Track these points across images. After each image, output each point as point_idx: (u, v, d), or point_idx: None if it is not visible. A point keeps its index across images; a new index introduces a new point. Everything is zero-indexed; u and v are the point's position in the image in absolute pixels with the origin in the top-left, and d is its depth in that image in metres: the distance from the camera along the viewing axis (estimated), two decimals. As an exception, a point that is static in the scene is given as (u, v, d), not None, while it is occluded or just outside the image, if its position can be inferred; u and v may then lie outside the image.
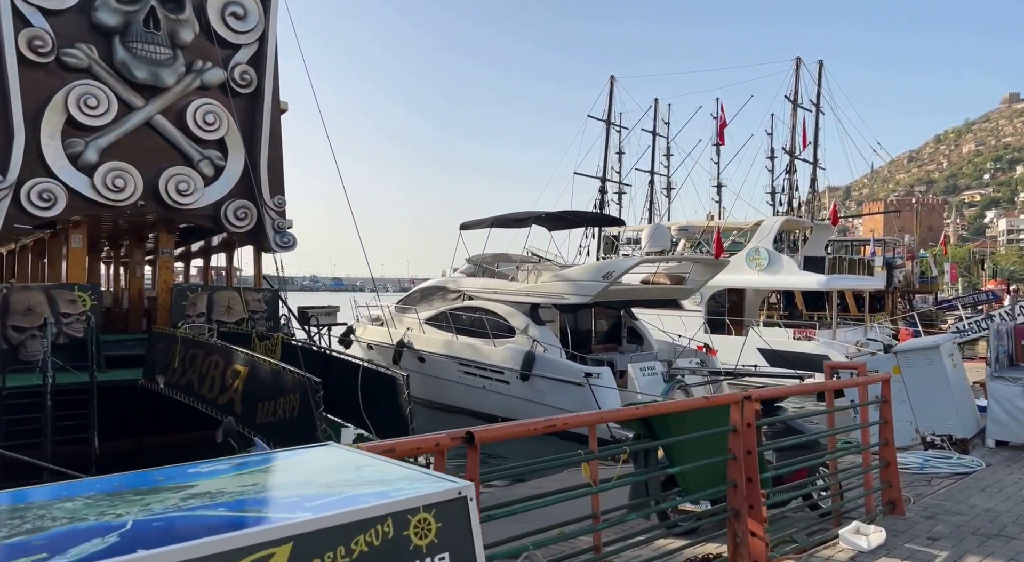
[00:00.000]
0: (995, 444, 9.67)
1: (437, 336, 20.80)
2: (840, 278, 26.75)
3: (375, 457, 2.51)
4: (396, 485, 2.14)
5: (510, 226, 20.41)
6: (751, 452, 5.20)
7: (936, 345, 9.66)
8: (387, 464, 2.40)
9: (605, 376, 16.91)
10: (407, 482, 2.19)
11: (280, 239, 15.30)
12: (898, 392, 9.86)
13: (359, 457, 2.48)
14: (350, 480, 2.17)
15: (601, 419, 4.12)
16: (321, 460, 2.44)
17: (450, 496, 2.10)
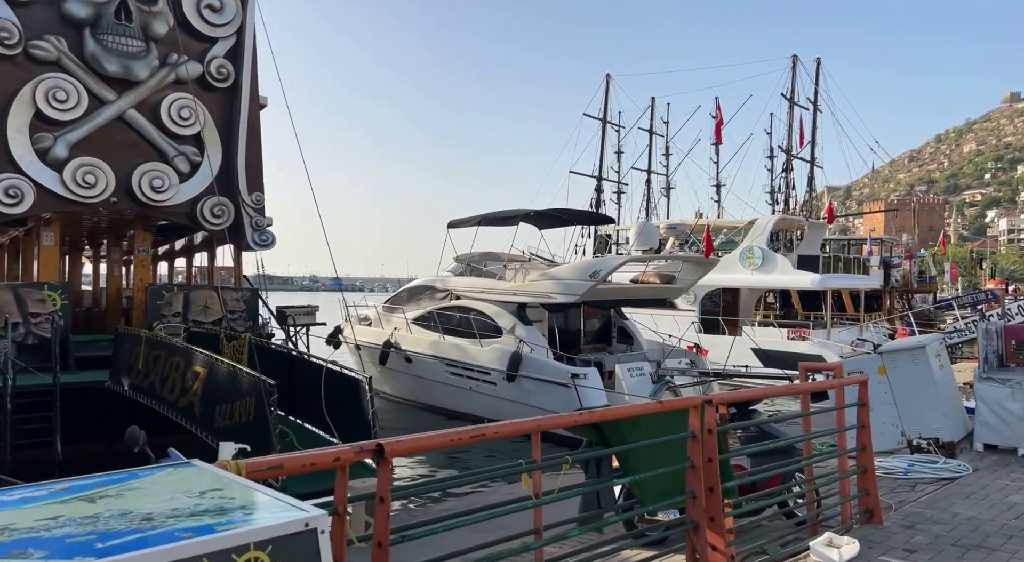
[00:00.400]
0: (983, 448, 9.36)
1: (424, 336, 20.50)
2: (834, 277, 26.43)
3: (237, 479, 2.20)
4: (233, 515, 1.83)
5: (497, 224, 20.10)
6: (712, 460, 4.89)
7: (922, 345, 9.35)
8: (245, 487, 2.09)
9: (592, 377, 16.61)
10: (249, 511, 1.88)
11: (259, 237, 14.98)
12: (884, 394, 9.57)
13: (217, 479, 2.17)
14: (182, 510, 1.86)
15: (539, 427, 3.80)
16: (170, 483, 2.13)
17: (293, 530, 1.79)
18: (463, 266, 21.13)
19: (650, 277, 19.67)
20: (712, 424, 4.90)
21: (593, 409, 4.24)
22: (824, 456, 6.58)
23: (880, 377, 9.59)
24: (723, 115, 46.59)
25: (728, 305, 30.22)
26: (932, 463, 8.70)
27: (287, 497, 1.99)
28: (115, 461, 9.06)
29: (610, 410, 4.28)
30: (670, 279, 19.41)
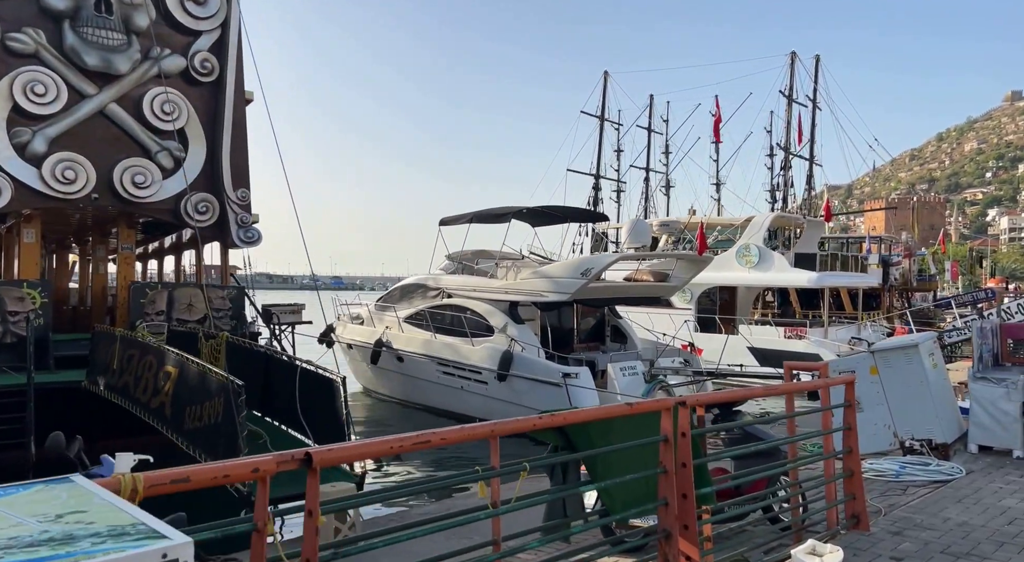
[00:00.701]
0: (978, 449, 9.11)
1: (416, 335, 20.28)
2: (832, 275, 26.18)
3: (110, 499, 1.95)
4: (78, 546, 1.59)
5: (489, 222, 19.86)
6: (686, 465, 4.64)
7: (915, 344, 9.10)
8: (112, 509, 1.85)
9: (583, 376, 16.38)
10: (100, 541, 1.63)
11: (244, 234, 14.74)
12: (876, 394, 9.33)
13: (85, 498, 1.92)
14: (21, 538, 1.61)
15: (493, 432, 3.56)
16: (30, 503, 1.88)
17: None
18: (455, 264, 20.89)
19: (643, 275, 19.41)
20: (686, 427, 4.65)
21: (555, 412, 3.99)
22: (809, 459, 6.32)
23: (872, 377, 9.36)
24: (723, 113, 46.32)
25: (725, 303, 29.98)
26: (924, 465, 8.46)
27: (157, 522, 1.75)
28: (94, 461, 8.70)
29: (573, 413, 4.03)
30: (664, 277, 19.15)
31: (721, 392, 5.53)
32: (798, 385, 6.29)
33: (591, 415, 4.08)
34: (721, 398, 5.73)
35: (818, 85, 46.81)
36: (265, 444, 7.78)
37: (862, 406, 9.42)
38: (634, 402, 4.25)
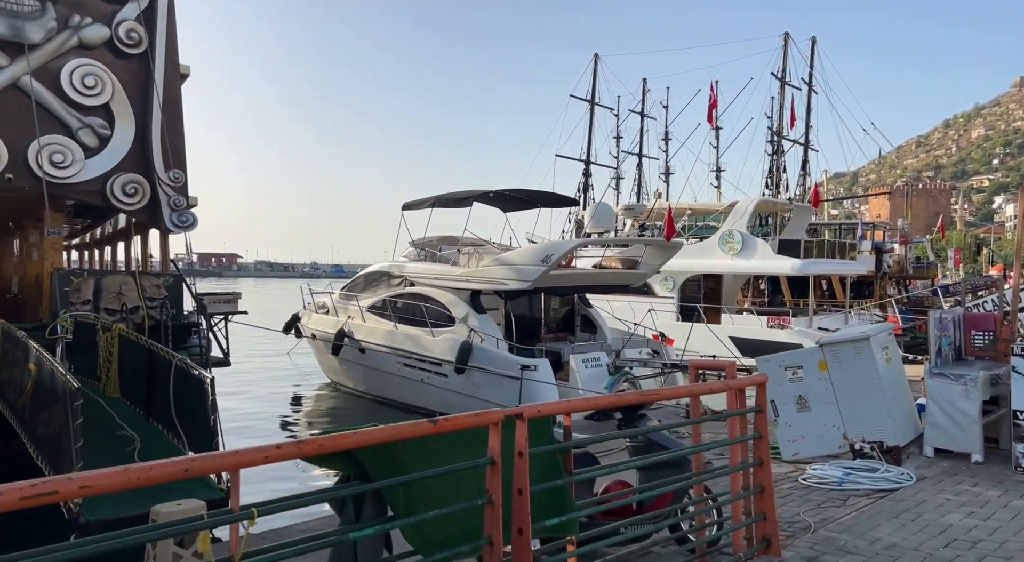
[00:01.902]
0: (934, 452, 8.28)
1: (378, 325, 19.47)
2: (816, 263, 25.24)
3: None
4: None
5: (451, 206, 19.00)
6: (523, 492, 3.81)
7: (866, 337, 8.23)
8: None
9: (543, 369, 15.54)
10: None
11: (178, 218, 13.90)
12: (824, 391, 8.50)
13: None
14: None
15: (238, 463, 2.73)
16: None
17: None
18: (420, 251, 20.04)
19: (613, 262, 18.55)
20: (523, 445, 3.82)
21: (336, 433, 3.15)
22: (712, 474, 5.49)
23: (821, 373, 8.52)
24: (723, 98, 45.38)
25: (711, 292, 29.10)
26: (871, 471, 7.64)
27: None
28: (14, 462, 7.81)
29: (357, 435, 3.18)
30: (633, 264, 18.29)
31: (602, 397, 4.68)
32: (702, 386, 5.44)
33: (374, 437, 3.23)
34: (595, 405, 4.85)
35: (814, 68, 45.82)
36: (133, 453, 6.98)
37: (810, 405, 8.61)
38: (438, 419, 3.39)
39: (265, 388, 21.72)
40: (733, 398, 5.35)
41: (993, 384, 8.04)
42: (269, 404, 19.32)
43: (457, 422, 3.57)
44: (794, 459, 8.66)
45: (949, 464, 7.97)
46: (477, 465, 3.63)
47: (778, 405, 8.72)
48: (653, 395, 5.93)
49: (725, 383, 5.36)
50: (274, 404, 19.46)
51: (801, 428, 8.62)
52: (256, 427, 16.03)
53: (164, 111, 13.77)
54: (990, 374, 8.04)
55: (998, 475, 7.47)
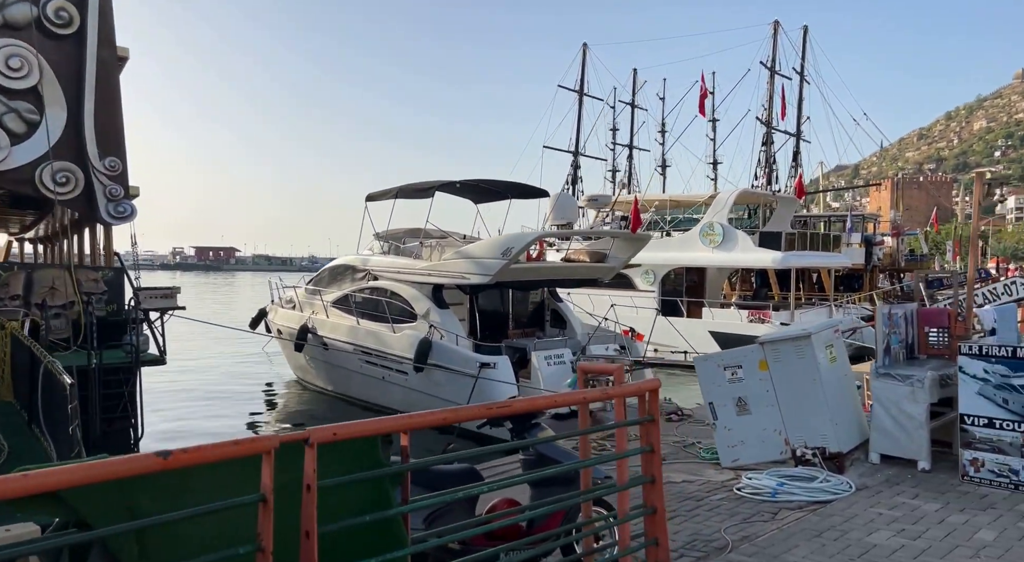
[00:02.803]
0: (880, 459, 7.67)
1: (342, 321, 18.90)
2: (798, 255, 24.62)
3: None
4: None
5: (414, 196, 18.37)
6: (310, 535, 3.19)
7: (807, 334, 7.62)
8: None
9: (502, 366, 14.94)
10: None
11: (114, 209, 13.30)
12: (766, 393, 7.90)
13: None
14: None
15: None
16: None
17: None
18: (385, 243, 19.43)
19: (581, 255, 17.93)
20: (312, 477, 3.20)
21: (29, 471, 2.51)
22: (597, 492, 4.88)
23: (762, 373, 7.93)
24: (720, 90, 44.76)
25: (695, 285, 28.53)
26: (808, 481, 7.04)
27: None
28: None
29: (46, 475, 2.54)
30: (602, 257, 17.67)
31: (464, 408, 4.07)
32: (589, 393, 4.83)
33: (81, 476, 2.57)
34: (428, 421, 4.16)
35: (806, 58, 45.10)
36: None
37: (750, 408, 8.01)
38: (169, 452, 2.71)
39: (227, 386, 21.17)
40: (621, 407, 4.75)
41: (943, 385, 7.44)
42: (224, 405, 18.71)
43: (200, 455, 2.88)
44: (733, 466, 8.08)
45: (894, 472, 7.37)
46: (239, 503, 3.00)
47: (716, 408, 8.14)
48: (535, 403, 5.31)
49: (603, 391, 4.76)
50: (231, 404, 18.88)
51: (741, 432, 8.03)
52: (188, 430, 15.26)
53: (100, 95, 13.14)
54: (939, 374, 7.43)
55: (943, 485, 6.87)
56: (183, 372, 22.26)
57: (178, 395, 18.93)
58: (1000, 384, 6.60)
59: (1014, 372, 6.50)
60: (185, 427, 15.33)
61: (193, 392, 19.44)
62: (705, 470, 8.37)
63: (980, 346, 6.75)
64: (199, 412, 17.15)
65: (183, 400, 18.41)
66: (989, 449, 6.70)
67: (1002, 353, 6.59)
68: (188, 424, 15.67)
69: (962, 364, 6.87)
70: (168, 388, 19.31)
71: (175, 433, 14.31)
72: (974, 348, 6.78)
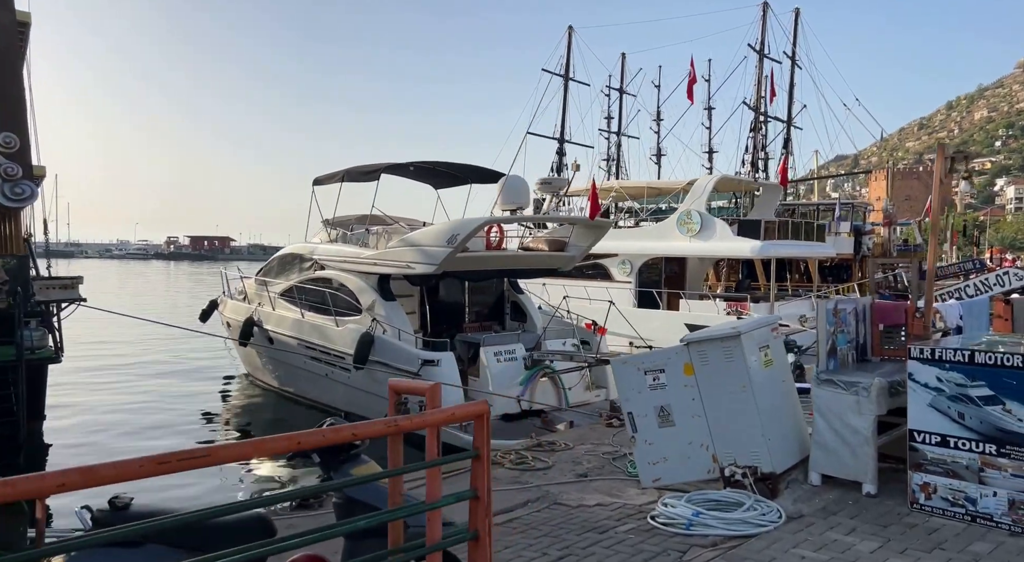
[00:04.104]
0: (821, 480, 6.55)
1: (288, 314, 17.78)
2: (778, 244, 23.44)
3: None
4: None
5: (360, 179, 17.20)
6: None
7: (736, 333, 6.48)
8: None
9: (446, 364, 13.80)
10: None
11: (11, 190, 12.15)
12: (692, 401, 6.77)
13: None
14: None
15: None
16: None
17: None
18: (333, 231, 18.27)
19: (539, 244, 16.77)
20: None
21: None
22: (416, 550, 3.73)
23: (687, 378, 6.79)
24: (716, 77, 43.71)
25: (675, 276, 27.38)
26: (732, 508, 5.92)
27: None
28: None
29: None
30: (561, 246, 16.50)
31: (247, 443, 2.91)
32: (397, 423, 3.67)
33: None
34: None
35: (798, 42, 43.89)
36: None
37: (674, 419, 6.88)
38: None
39: (168, 386, 20.05)
40: (434, 440, 3.62)
41: (893, 394, 6.30)
42: (153, 408, 17.49)
43: None
44: (655, 486, 6.96)
45: (835, 496, 6.25)
46: None
47: (636, 418, 7.01)
48: (343, 433, 4.15)
49: (410, 419, 3.62)
50: (161, 406, 17.69)
51: (664, 447, 6.91)
52: (95, 442, 14.07)
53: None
54: (889, 381, 6.29)
55: (888, 514, 5.75)
56: (116, 370, 21.26)
57: (103, 398, 17.78)
58: (955, 395, 5.47)
59: (971, 380, 5.37)
60: (95, 437, 14.16)
61: (124, 394, 18.30)
62: (627, 490, 7.26)
63: (932, 349, 5.61)
64: (118, 419, 15.91)
65: (108, 404, 17.26)
66: (942, 472, 5.58)
67: (957, 357, 5.46)
68: (99, 434, 14.51)
69: (912, 370, 5.74)
70: (104, 388, 18.29)
71: (84, 443, 13.18)
72: (925, 351, 5.64)
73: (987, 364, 5.29)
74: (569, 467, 8.17)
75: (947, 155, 6.42)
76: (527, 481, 7.60)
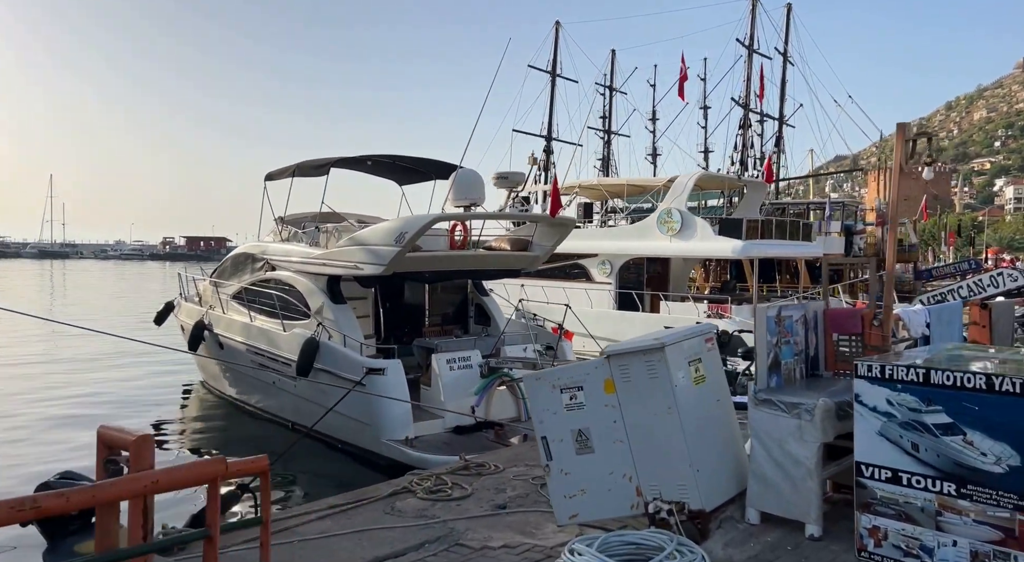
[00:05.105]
0: (759, 518, 5.57)
1: (238, 317, 16.84)
2: (760, 244, 22.47)
3: None
4: None
5: (311, 174, 16.26)
6: None
7: (659, 345, 5.49)
8: None
9: (392, 372, 12.76)
10: None
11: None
12: (612, 424, 5.79)
13: None
14: None
15: None
16: None
17: None
18: (286, 229, 17.30)
19: (502, 243, 15.78)
20: None
21: None
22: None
23: (608, 396, 5.82)
24: (712, 75, 42.94)
25: (658, 276, 26.44)
26: (651, 555, 4.93)
27: None
28: None
29: None
30: (524, 245, 15.53)
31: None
32: (96, 494, 2.68)
33: None
34: None
35: (790, 38, 43.00)
36: None
37: (593, 444, 5.91)
38: None
39: (116, 394, 19.07)
40: (137, 518, 2.64)
41: (844, 416, 5.33)
42: (89, 419, 16.54)
43: None
44: (572, 522, 5.98)
45: (775, 539, 5.28)
46: None
47: (551, 444, 6.02)
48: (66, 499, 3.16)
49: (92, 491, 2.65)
50: (97, 416, 16.70)
51: (582, 478, 5.92)
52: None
53: None
54: (839, 401, 5.32)
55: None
56: (73, 376, 20.30)
57: (48, 412, 16.81)
58: (908, 421, 4.51)
59: (926, 405, 4.41)
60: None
61: (75, 406, 17.32)
62: (545, 526, 6.32)
63: (882, 365, 4.64)
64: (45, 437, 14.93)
65: (55, 419, 16.30)
66: (893, 515, 4.61)
67: (910, 376, 4.49)
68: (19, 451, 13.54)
69: (859, 391, 4.77)
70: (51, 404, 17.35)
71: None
72: (874, 368, 4.67)
73: (945, 385, 4.32)
74: (490, 496, 7.22)
75: (907, 137, 5.45)
76: (435, 515, 6.64)
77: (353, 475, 12.14)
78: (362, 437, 12.94)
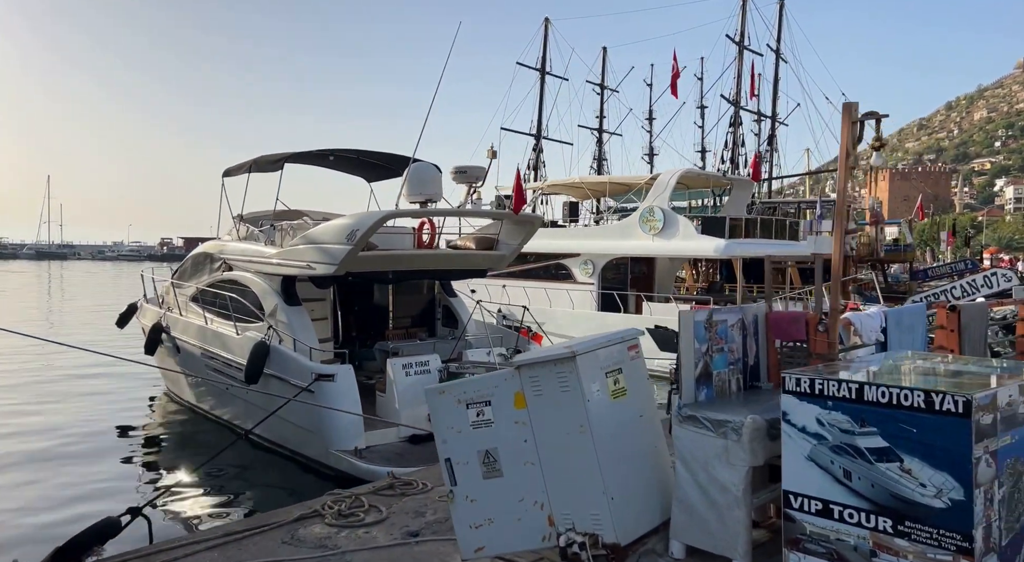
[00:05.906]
0: (684, 552, 4.86)
1: (194, 320, 16.15)
2: (743, 244, 21.76)
3: None
4: None
5: (267, 170, 15.58)
6: None
7: (570, 354, 4.77)
8: None
9: (342, 378, 12.01)
10: None
11: None
12: (524, 444, 5.07)
13: None
14: None
15: None
16: None
17: None
18: (245, 227, 16.60)
19: (467, 242, 15.07)
20: None
21: None
22: None
23: (518, 412, 5.10)
24: (710, 75, 42.42)
25: (643, 276, 25.74)
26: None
27: None
28: None
29: None
30: (490, 244, 14.81)
31: None
32: None
33: None
34: None
35: (782, 35, 42.35)
36: None
37: (502, 467, 5.19)
38: None
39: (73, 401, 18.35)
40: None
41: (775, 436, 4.61)
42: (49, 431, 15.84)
43: None
44: (479, 557, 5.26)
45: (699, 577, 4.57)
46: None
47: (455, 467, 5.29)
48: None
49: None
50: (70, 424, 16.00)
51: (489, 505, 5.18)
52: None
53: None
54: (769, 419, 4.60)
55: (753, 615, 4.06)
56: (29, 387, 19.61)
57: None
58: (839, 445, 3.80)
59: (859, 425, 3.70)
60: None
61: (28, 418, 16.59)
62: (454, 559, 5.60)
63: (811, 379, 3.93)
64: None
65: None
66: (824, 553, 3.90)
67: (842, 392, 3.78)
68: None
69: (786, 408, 4.06)
70: None
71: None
72: (803, 382, 3.96)
73: (880, 402, 3.61)
74: (406, 520, 6.50)
75: (854, 119, 4.75)
76: (336, 546, 5.92)
77: (303, 488, 11.43)
78: (311, 447, 12.24)
